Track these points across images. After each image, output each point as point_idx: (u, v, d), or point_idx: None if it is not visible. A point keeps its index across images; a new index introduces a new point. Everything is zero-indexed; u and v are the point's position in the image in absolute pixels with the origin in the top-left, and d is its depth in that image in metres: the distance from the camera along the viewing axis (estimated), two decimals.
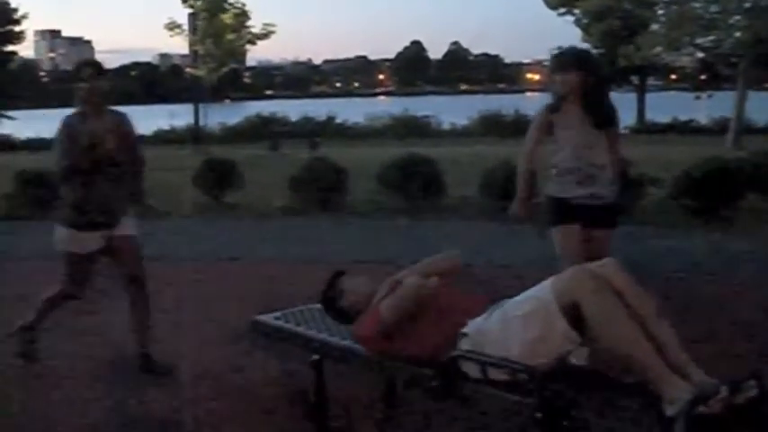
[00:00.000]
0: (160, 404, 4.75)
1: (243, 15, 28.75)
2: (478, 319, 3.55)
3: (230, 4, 28.48)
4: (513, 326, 3.38)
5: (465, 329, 3.55)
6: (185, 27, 28.88)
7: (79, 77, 5.10)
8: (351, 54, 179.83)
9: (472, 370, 3.43)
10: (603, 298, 3.19)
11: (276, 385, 4.96)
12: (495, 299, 3.66)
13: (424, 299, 3.66)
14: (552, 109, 5.27)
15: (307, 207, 11.77)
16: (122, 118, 5.35)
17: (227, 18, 28.05)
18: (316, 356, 4.16)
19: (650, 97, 40.37)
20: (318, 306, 4.74)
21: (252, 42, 29.52)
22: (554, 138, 5.29)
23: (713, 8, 24.17)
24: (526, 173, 5.43)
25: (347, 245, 9.29)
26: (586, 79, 5.14)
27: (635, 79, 40.00)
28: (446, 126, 34.37)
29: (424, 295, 3.67)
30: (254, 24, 29.43)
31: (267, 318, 4.58)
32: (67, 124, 5.11)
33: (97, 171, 5.06)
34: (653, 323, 3.22)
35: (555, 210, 5.31)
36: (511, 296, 3.59)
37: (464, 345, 3.52)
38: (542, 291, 3.37)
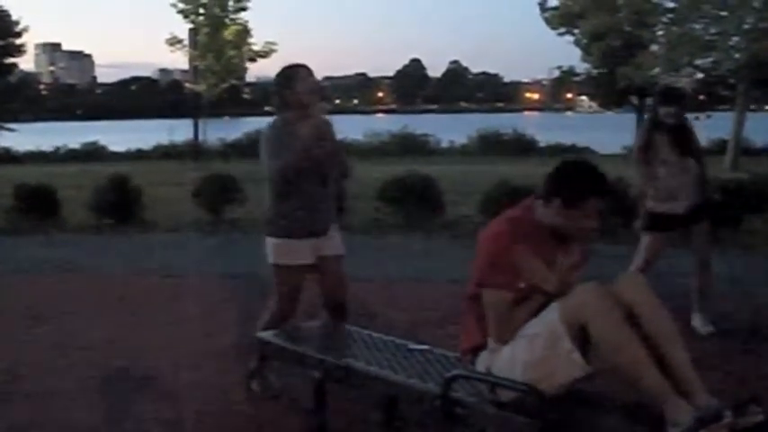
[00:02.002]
0: (157, 419, 4.74)
1: (244, 32, 28.80)
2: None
3: (232, 20, 28.54)
4: (520, 346, 3.38)
5: (489, 341, 3.55)
6: (186, 42, 28.96)
7: (288, 84, 4.95)
8: (350, 71, 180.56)
9: (481, 387, 3.44)
10: (610, 319, 3.19)
11: (277, 402, 4.96)
12: None
13: None
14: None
15: None
16: (326, 123, 5.13)
17: (228, 34, 28.10)
18: (317, 375, 4.16)
19: None
20: (320, 323, 4.76)
21: (252, 60, 29.56)
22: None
23: (712, 29, 24.27)
24: None
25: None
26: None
27: (634, 99, 40.09)
28: (445, 144, 34.40)
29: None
30: (256, 42, 29.48)
31: (269, 335, 4.59)
32: (275, 129, 4.99)
33: (306, 176, 4.89)
34: (665, 341, 3.23)
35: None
36: None
37: (479, 360, 3.53)
38: (550, 312, 3.37)
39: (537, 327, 3.37)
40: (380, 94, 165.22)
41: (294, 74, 5.01)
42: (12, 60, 46.69)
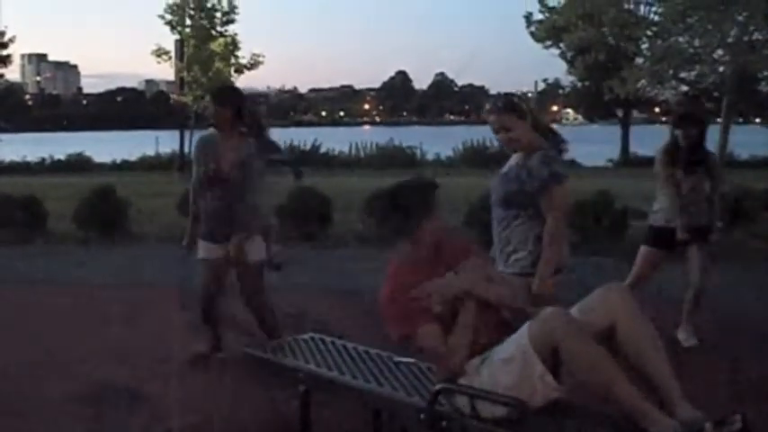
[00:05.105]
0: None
1: (232, 44, 28.76)
2: (474, 361, 3.55)
3: (219, 33, 28.51)
4: (496, 370, 3.41)
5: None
6: (173, 54, 28.89)
7: (217, 102, 5.67)
8: (336, 83, 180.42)
9: (461, 404, 3.44)
10: (579, 342, 3.21)
11: (262, 416, 4.94)
12: None
13: None
14: None
15: (290, 236, 11.69)
16: (243, 143, 5.65)
17: (215, 46, 28.07)
18: (302, 387, 4.16)
19: (635, 130, 40.55)
20: (307, 336, 4.76)
21: (239, 72, 29.51)
22: None
23: (697, 42, 24.38)
24: None
25: (327, 273, 9.25)
26: None
27: (619, 112, 40.28)
28: (430, 157, 34.42)
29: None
30: (243, 54, 29.43)
31: (255, 348, 4.58)
32: (199, 142, 5.89)
33: (214, 188, 5.59)
34: (645, 354, 3.24)
35: None
36: None
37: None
38: (521, 336, 3.39)
39: (510, 350, 3.40)
40: (366, 106, 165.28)
41: (225, 96, 5.79)
42: None
